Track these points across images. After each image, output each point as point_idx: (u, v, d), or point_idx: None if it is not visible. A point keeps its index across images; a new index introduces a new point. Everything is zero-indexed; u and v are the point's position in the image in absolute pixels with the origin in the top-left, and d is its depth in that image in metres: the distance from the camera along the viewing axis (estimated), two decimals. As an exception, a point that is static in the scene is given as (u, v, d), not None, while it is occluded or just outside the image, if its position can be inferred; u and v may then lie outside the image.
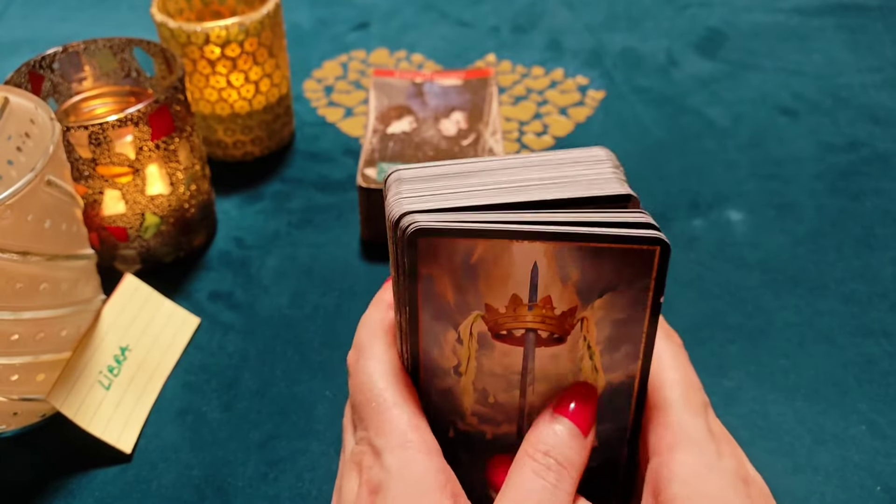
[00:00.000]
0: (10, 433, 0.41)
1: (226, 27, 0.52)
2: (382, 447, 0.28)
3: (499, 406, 0.29)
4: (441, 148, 0.53)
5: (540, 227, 0.25)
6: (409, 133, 0.54)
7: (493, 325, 0.27)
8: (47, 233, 0.36)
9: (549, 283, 0.26)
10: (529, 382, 0.29)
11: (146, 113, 0.44)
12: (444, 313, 0.27)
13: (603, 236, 0.25)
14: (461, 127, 0.54)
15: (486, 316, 0.27)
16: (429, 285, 0.26)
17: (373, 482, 0.27)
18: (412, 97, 0.57)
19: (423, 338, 0.28)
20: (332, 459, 0.40)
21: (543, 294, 0.26)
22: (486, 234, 0.25)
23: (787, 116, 0.65)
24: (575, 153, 0.28)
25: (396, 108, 0.56)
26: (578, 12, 0.81)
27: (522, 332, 0.27)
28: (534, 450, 0.28)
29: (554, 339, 0.27)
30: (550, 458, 0.27)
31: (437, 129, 0.54)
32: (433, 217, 0.25)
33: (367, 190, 0.50)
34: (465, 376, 0.29)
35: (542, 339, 0.27)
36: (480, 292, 0.26)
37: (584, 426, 0.28)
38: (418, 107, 0.56)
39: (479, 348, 0.28)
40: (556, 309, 0.27)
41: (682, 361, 0.30)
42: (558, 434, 0.28)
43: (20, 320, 0.37)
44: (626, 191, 0.26)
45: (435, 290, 0.26)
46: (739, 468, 0.28)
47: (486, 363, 0.28)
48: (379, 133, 0.54)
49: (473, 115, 0.55)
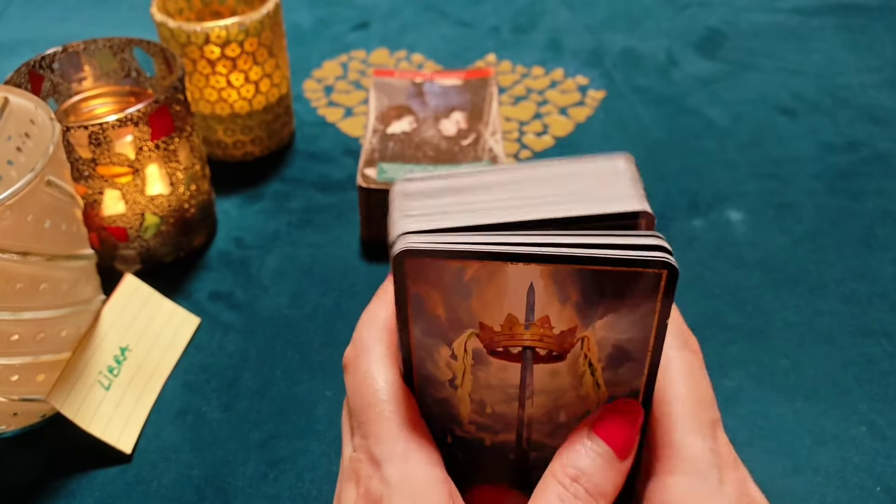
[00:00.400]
0: (10, 433, 0.41)
1: (226, 27, 0.52)
2: (382, 457, 0.26)
3: (497, 416, 0.28)
4: (441, 148, 0.53)
5: (535, 250, 0.24)
6: (409, 133, 0.54)
7: (488, 342, 0.26)
8: (47, 233, 0.36)
9: (546, 304, 0.25)
10: (528, 396, 0.28)
11: (146, 113, 0.44)
12: (436, 331, 0.26)
13: (602, 259, 0.24)
14: (461, 127, 0.54)
15: (480, 334, 0.26)
16: (419, 304, 0.26)
17: (372, 495, 0.26)
18: (412, 97, 0.57)
19: (416, 352, 0.27)
20: (332, 460, 0.40)
21: (541, 314, 0.25)
22: (476, 255, 0.24)
23: (787, 116, 0.65)
24: (594, 164, 0.27)
25: (396, 108, 0.56)
26: (578, 12, 0.81)
27: (519, 350, 0.26)
28: (563, 473, 0.26)
29: (553, 356, 0.26)
30: (580, 486, 0.25)
31: (437, 129, 0.54)
32: (426, 238, 0.25)
33: (366, 190, 0.50)
34: (462, 388, 0.28)
35: (541, 356, 0.26)
36: (474, 311, 0.26)
37: (622, 450, 0.26)
38: (418, 107, 0.56)
39: (475, 363, 0.27)
40: (555, 328, 0.26)
41: (695, 373, 0.28)
42: (591, 458, 0.26)
43: (20, 321, 0.37)
44: (637, 207, 0.25)
45: (425, 309, 0.26)
46: (741, 496, 0.26)
47: (482, 377, 0.27)
48: (379, 133, 0.54)
49: (473, 115, 0.55)
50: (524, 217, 0.25)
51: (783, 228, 0.54)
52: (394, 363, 0.29)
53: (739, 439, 0.41)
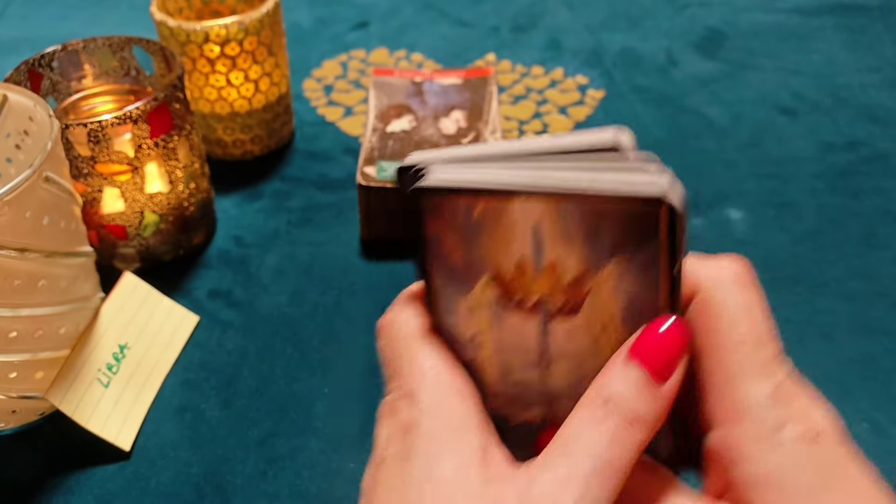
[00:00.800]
0: (8, 431, 0.41)
1: (225, 26, 0.52)
2: (415, 388, 0.25)
3: (520, 385, 0.28)
4: (441, 146, 0.52)
5: (532, 184, 0.23)
6: (408, 132, 0.54)
7: (502, 291, 0.26)
8: (45, 230, 0.36)
9: (553, 247, 0.25)
10: (547, 360, 0.27)
11: (145, 111, 0.44)
12: (454, 277, 0.27)
13: (591, 191, 0.23)
14: (461, 126, 0.54)
15: (495, 280, 0.26)
16: (437, 246, 0.26)
17: (404, 421, 0.25)
18: (412, 96, 0.57)
19: (438, 303, 0.27)
20: (330, 457, 0.40)
21: (550, 257, 0.25)
22: (478, 192, 0.24)
23: (787, 116, 0.65)
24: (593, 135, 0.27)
25: (396, 107, 0.56)
26: (578, 12, 0.81)
27: (533, 302, 0.26)
28: (595, 394, 0.24)
29: (567, 310, 0.26)
30: (611, 406, 0.23)
31: (436, 127, 0.54)
32: (442, 173, 0.25)
33: (366, 188, 0.50)
34: (484, 349, 0.28)
35: (555, 311, 0.26)
36: (485, 253, 0.26)
37: (659, 372, 0.24)
38: (418, 105, 0.56)
39: (494, 319, 0.27)
40: (565, 276, 0.25)
41: (747, 305, 0.26)
42: (624, 381, 0.24)
43: (18, 317, 0.36)
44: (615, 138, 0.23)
45: (443, 252, 0.26)
46: (805, 433, 0.24)
47: (501, 336, 0.27)
48: (378, 132, 0.54)
49: (473, 114, 0.55)
50: (528, 149, 0.24)
51: (783, 227, 0.54)
52: (426, 320, 0.28)
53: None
